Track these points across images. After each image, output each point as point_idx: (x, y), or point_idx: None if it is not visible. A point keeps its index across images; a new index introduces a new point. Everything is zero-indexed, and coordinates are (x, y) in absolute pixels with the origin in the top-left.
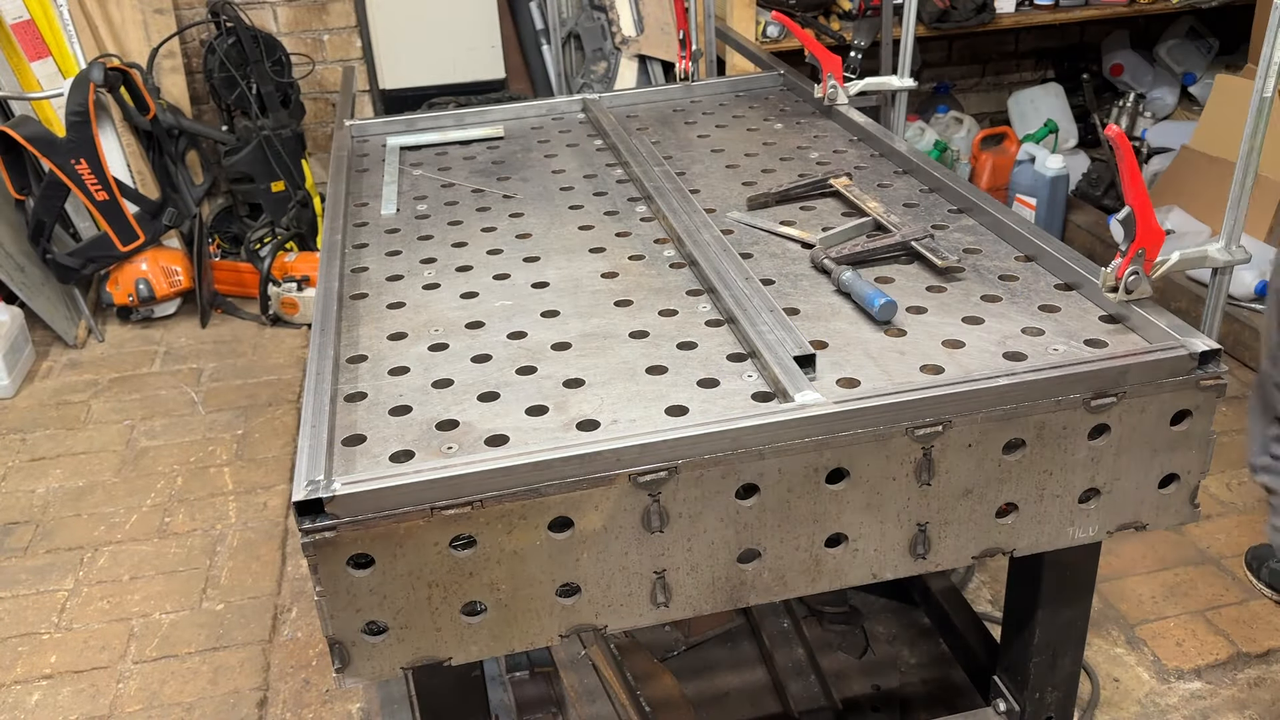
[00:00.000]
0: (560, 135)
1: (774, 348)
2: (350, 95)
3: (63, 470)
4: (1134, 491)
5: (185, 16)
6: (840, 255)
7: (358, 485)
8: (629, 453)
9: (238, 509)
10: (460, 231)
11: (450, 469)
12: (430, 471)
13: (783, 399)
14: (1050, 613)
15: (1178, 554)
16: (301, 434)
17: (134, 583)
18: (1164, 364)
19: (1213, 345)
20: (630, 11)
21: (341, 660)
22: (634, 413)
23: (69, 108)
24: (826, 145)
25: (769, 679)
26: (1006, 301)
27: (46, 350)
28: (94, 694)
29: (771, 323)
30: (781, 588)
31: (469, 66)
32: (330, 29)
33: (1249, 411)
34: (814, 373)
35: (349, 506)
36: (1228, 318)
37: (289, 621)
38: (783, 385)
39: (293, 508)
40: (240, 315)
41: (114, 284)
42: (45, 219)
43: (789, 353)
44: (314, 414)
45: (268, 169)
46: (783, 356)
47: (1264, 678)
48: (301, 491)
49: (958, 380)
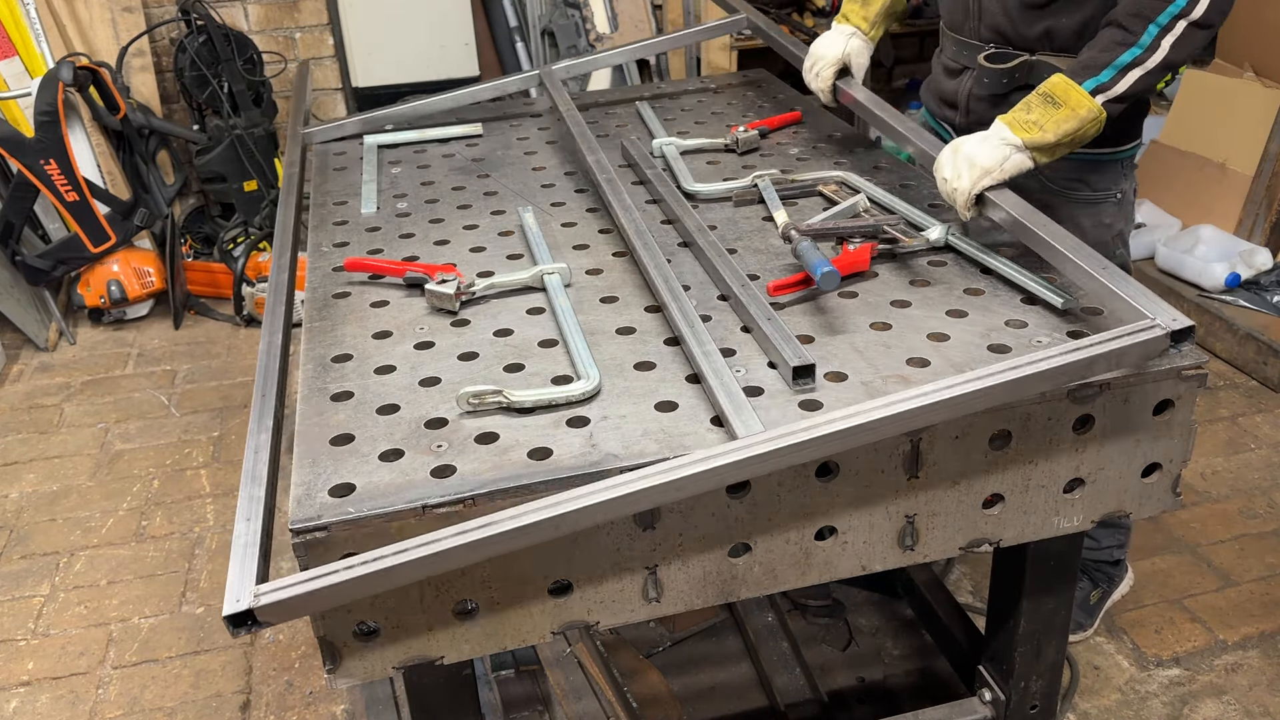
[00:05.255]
0: (539, 132)
1: (722, 373)
2: (303, 101)
3: (36, 474)
4: (1118, 481)
5: (154, 14)
6: (807, 228)
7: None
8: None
9: (215, 511)
10: (442, 229)
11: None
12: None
13: (731, 437)
14: (1034, 602)
15: (1154, 543)
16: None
17: (112, 587)
18: (1136, 348)
19: (1186, 323)
20: (605, 9)
21: (332, 661)
22: (623, 409)
23: (37, 107)
24: (806, 141)
25: (754, 673)
26: (990, 294)
27: (17, 353)
28: (74, 700)
29: (770, 331)
30: (772, 581)
31: (443, 64)
32: (302, 26)
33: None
34: (813, 382)
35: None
36: (1199, 310)
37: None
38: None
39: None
40: (214, 316)
41: (85, 286)
42: (14, 220)
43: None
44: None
45: (240, 168)
46: (735, 390)
47: (1240, 664)
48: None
49: (938, 389)
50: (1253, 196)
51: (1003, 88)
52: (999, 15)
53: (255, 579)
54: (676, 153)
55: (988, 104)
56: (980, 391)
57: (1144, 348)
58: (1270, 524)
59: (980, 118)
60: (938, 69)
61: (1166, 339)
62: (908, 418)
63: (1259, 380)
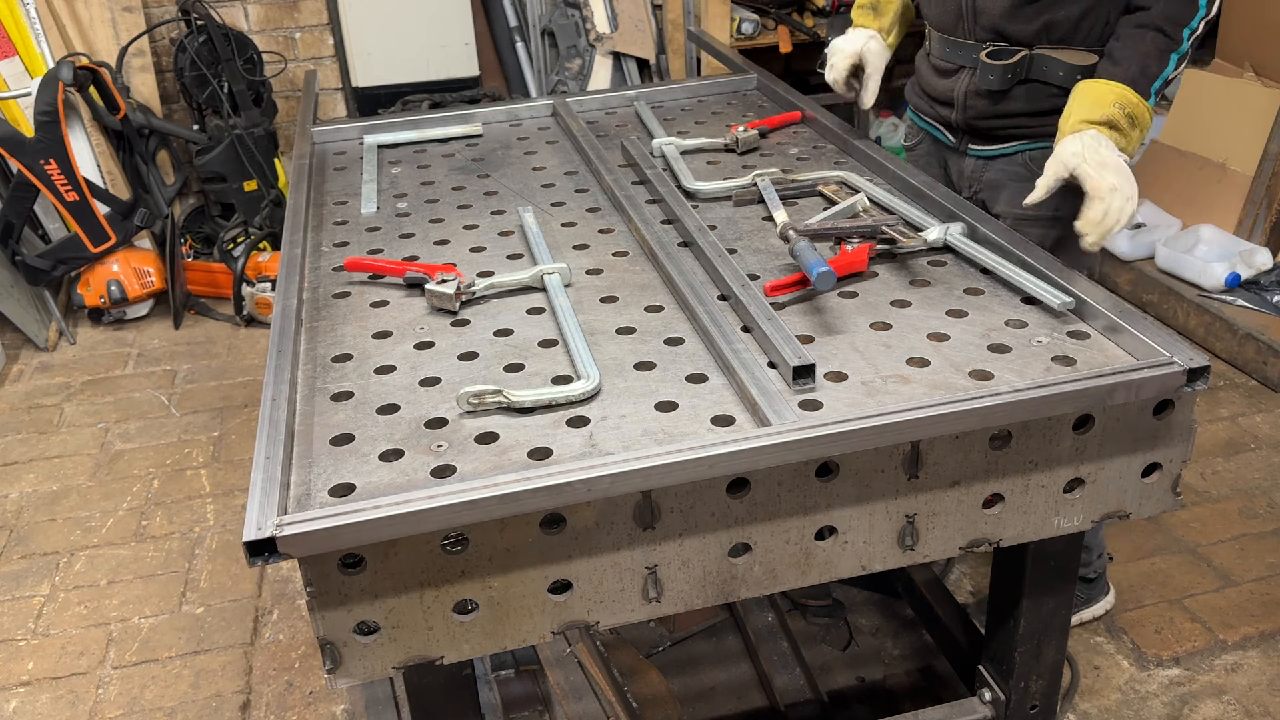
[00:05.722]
0: (539, 132)
1: (750, 366)
2: (311, 102)
3: (36, 474)
4: (1118, 481)
5: (154, 14)
6: (804, 229)
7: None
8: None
9: (215, 511)
10: (442, 229)
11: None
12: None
13: (761, 423)
14: (1034, 602)
15: (1154, 543)
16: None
17: (112, 587)
18: (1152, 381)
19: (1202, 362)
20: (604, 9)
21: (333, 661)
22: (623, 409)
23: (37, 107)
24: (806, 141)
25: (754, 673)
26: (989, 294)
27: (17, 353)
28: (73, 700)
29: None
30: (772, 581)
31: (443, 64)
32: (302, 26)
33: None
34: (813, 382)
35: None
36: (1199, 309)
37: (270, 624)
38: (763, 412)
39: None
40: (214, 316)
41: (85, 285)
42: (14, 220)
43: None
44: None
45: (240, 168)
46: (760, 376)
47: (1240, 664)
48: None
49: (956, 398)
50: (1253, 196)
51: (1005, 83)
52: (995, 14)
53: (277, 511)
54: (676, 152)
55: (988, 100)
56: (1009, 405)
57: (1162, 382)
58: (1270, 524)
59: (980, 113)
60: (925, 69)
61: (1183, 376)
62: (934, 423)
63: (1259, 380)
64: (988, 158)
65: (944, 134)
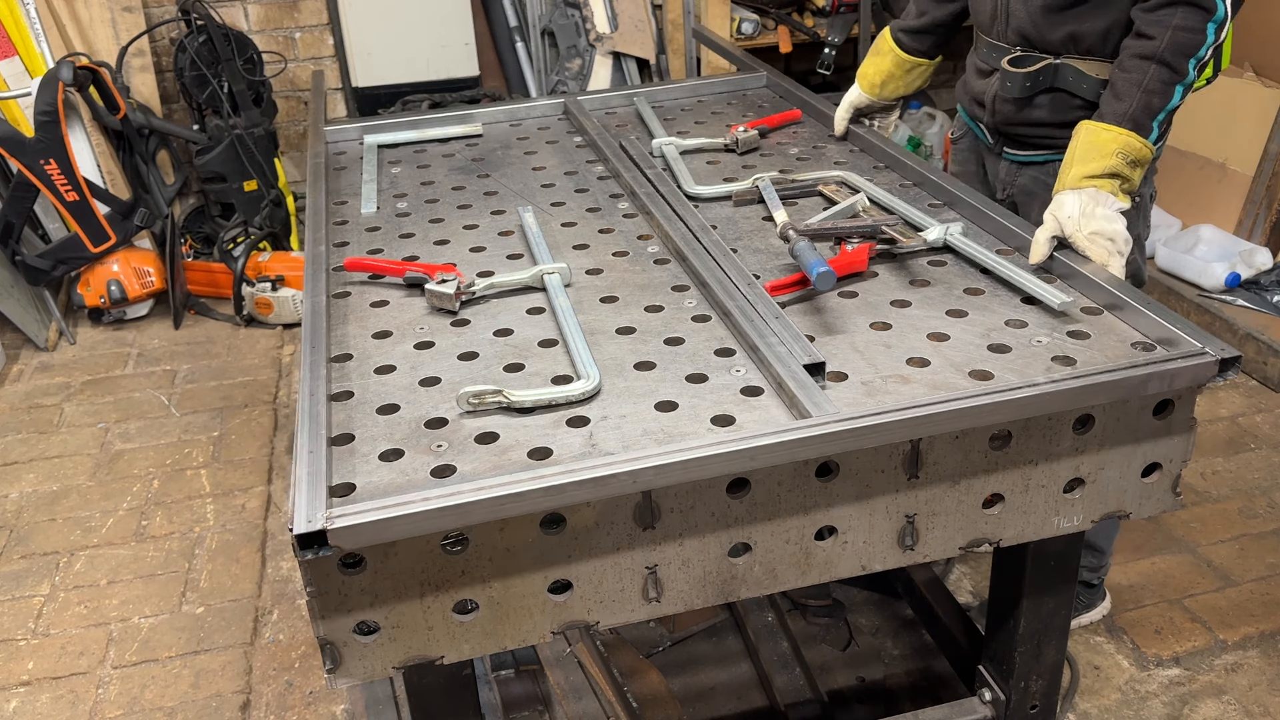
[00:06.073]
0: (539, 132)
1: (786, 361)
2: (322, 102)
3: (36, 474)
4: (1118, 481)
5: (154, 14)
6: (804, 229)
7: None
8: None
9: (215, 511)
10: (442, 229)
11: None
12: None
13: (800, 415)
14: (1034, 602)
15: (1154, 543)
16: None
17: (112, 587)
18: (1189, 370)
19: (1234, 352)
20: (604, 9)
21: (333, 661)
22: (623, 409)
23: (37, 107)
24: (806, 141)
25: (754, 673)
26: (989, 294)
27: (17, 353)
28: (73, 700)
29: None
30: (772, 581)
31: (443, 63)
32: (302, 26)
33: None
34: (824, 380)
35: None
36: (1199, 309)
37: (270, 624)
38: (801, 404)
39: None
40: (214, 316)
41: (85, 285)
42: (14, 220)
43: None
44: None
45: (240, 168)
46: (797, 371)
47: (1240, 664)
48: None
49: (977, 393)
50: (1253, 196)
51: (1026, 91)
52: (1024, 19)
53: (325, 504)
54: (676, 152)
55: (1013, 106)
56: (1051, 394)
57: (1194, 372)
58: (1270, 524)
59: (1006, 118)
60: (971, 68)
61: (1215, 366)
62: (934, 422)
63: (1259, 380)
64: (1020, 163)
65: (983, 133)
